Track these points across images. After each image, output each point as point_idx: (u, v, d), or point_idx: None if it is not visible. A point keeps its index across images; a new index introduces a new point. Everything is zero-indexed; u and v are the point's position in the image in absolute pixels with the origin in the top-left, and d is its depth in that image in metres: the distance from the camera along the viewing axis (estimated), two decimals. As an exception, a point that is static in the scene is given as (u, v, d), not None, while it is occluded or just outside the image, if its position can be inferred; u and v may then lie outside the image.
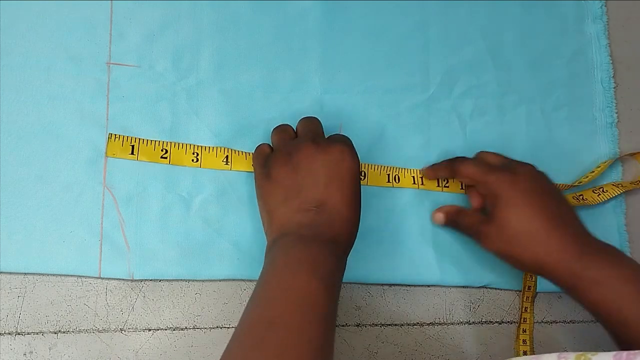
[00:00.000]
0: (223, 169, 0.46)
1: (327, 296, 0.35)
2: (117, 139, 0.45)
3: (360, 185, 0.41)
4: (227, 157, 0.46)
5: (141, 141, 0.45)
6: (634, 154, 0.52)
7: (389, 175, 0.48)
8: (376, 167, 0.48)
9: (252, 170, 0.46)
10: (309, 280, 0.35)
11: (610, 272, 0.39)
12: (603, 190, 0.50)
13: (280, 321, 0.33)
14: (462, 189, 0.49)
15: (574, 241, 0.41)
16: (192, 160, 0.45)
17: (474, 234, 0.44)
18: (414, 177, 0.48)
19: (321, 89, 0.49)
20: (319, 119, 0.44)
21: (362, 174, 0.47)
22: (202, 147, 0.46)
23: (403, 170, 0.49)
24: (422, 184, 0.48)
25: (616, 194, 0.50)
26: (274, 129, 0.45)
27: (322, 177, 0.39)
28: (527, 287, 0.48)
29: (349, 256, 0.46)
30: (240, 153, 0.46)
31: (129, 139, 0.45)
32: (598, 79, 0.54)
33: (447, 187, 0.49)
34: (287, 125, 0.45)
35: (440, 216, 0.47)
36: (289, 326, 0.32)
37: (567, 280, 0.40)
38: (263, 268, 0.38)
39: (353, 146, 0.42)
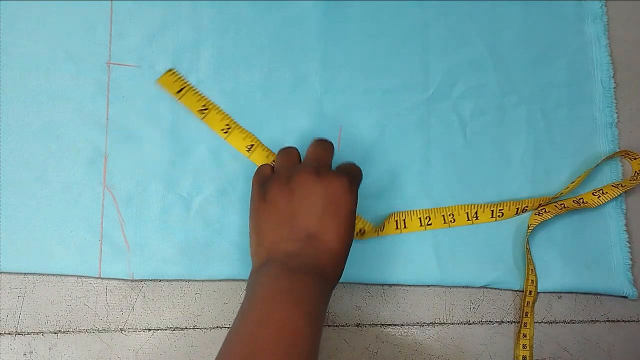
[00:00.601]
0: (243, 154, 0.46)
1: (310, 332, 0.34)
2: (172, 75, 0.46)
3: (354, 221, 0.40)
4: (252, 145, 0.46)
5: (190, 88, 0.46)
6: (623, 153, 0.51)
7: (394, 222, 0.47)
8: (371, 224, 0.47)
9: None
10: (292, 316, 0.34)
11: None
12: (603, 192, 0.50)
13: (262, 358, 0.32)
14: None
15: None
16: (223, 130, 0.46)
17: None
18: (396, 221, 0.47)
19: (321, 89, 0.49)
20: (334, 146, 0.43)
21: (361, 231, 0.46)
22: (236, 124, 0.46)
23: (389, 218, 0.47)
24: (405, 227, 0.47)
25: (616, 195, 0.49)
26: (280, 150, 0.44)
27: (317, 207, 0.38)
28: (528, 292, 0.48)
29: (348, 256, 0.46)
30: (265, 149, 0.46)
31: (183, 81, 0.46)
32: (598, 79, 0.54)
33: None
34: (294, 148, 0.43)
35: None
36: None
37: None
38: (245, 296, 0.37)
39: (356, 182, 0.41)
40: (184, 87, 0.46)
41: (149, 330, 0.43)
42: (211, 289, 0.45)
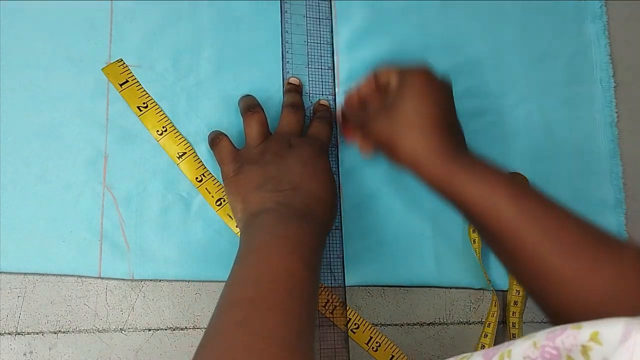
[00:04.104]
0: (173, 161, 0.45)
1: (309, 274, 0.35)
2: (120, 66, 0.45)
3: (335, 182, 0.42)
4: (184, 153, 0.45)
5: (134, 83, 0.45)
6: (514, 175, 0.50)
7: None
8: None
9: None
10: (290, 260, 0.35)
11: (486, 171, 0.38)
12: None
13: (264, 301, 0.33)
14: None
15: (456, 142, 0.40)
16: (158, 131, 0.45)
17: (364, 119, 0.43)
18: (393, 355, 0.46)
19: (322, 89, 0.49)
20: (304, 111, 0.46)
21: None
22: (173, 128, 0.45)
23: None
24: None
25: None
26: (246, 118, 0.44)
27: (296, 168, 0.41)
28: (513, 302, 0.48)
29: (348, 261, 0.46)
30: (197, 160, 0.45)
31: (129, 74, 0.45)
32: (598, 79, 0.54)
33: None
34: (263, 114, 0.44)
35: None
36: (272, 306, 0.32)
37: (441, 176, 0.38)
38: (240, 246, 0.38)
39: (325, 146, 0.44)
40: (128, 81, 0.45)
41: (149, 330, 0.43)
42: (211, 289, 0.45)
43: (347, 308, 0.46)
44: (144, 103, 0.45)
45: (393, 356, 0.46)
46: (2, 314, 0.42)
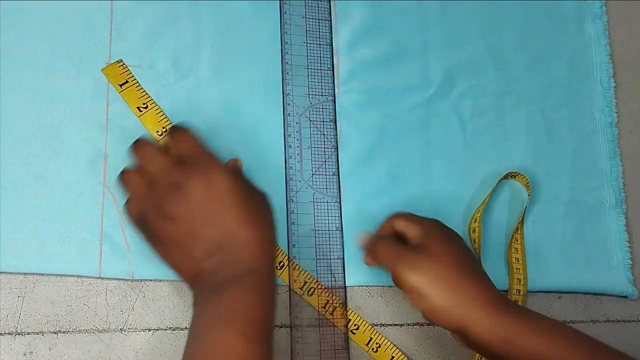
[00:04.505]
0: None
1: (250, 348, 0.33)
2: (120, 67, 0.45)
3: (250, 193, 0.38)
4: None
5: (134, 83, 0.45)
6: (514, 174, 0.50)
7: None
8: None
9: None
10: (225, 339, 0.33)
11: (540, 322, 0.39)
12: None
13: None
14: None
15: (499, 294, 0.40)
16: (157, 132, 0.45)
17: (397, 260, 0.41)
18: (393, 356, 0.46)
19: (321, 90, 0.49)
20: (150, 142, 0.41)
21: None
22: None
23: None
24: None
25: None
26: (136, 147, 0.40)
27: (206, 211, 0.36)
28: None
29: (348, 261, 0.46)
30: None
31: (129, 75, 0.45)
32: (598, 79, 0.54)
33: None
34: (142, 156, 0.40)
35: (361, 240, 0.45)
36: None
37: (497, 331, 0.38)
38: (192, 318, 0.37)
39: (212, 160, 0.39)
40: (128, 81, 0.45)
41: (149, 330, 0.43)
42: (211, 289, 0.45)
43: (347, 308, 0.46)
44: (144, 104, 0.45)
45: (393, 357, 0.46)
46: (2, 314, 0.42)
